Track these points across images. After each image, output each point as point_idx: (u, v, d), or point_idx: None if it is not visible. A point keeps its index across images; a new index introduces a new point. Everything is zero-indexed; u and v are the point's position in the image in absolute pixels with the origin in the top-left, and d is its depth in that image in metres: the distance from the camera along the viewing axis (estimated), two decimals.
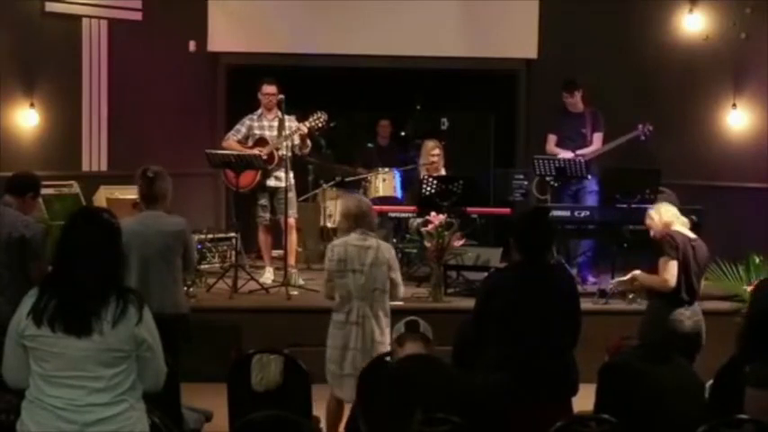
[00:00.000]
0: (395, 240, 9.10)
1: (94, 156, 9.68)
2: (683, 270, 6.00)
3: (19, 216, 6.01)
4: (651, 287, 6.25)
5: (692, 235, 6.12)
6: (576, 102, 9.07)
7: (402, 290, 6.12)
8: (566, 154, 8.84)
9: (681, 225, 6.18)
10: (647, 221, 6.30)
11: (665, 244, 6.03)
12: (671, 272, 6.00)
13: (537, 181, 8.96)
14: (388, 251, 5.92)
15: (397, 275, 5.98)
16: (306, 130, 8.37)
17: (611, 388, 4.48)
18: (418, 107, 10.90)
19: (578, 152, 8.86)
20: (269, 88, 8.52)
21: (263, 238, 8.78)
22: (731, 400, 4.70)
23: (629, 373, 4.48)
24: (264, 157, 8.33)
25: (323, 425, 5.65)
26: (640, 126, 8.88)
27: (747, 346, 4.87)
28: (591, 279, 8.79)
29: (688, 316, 6.01)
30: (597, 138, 9.02)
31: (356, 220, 5.87)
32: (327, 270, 5.84)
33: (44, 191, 7.93)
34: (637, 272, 6.40)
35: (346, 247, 5.80)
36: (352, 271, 5.77)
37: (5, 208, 6.03)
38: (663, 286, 6.06)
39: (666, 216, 6.19)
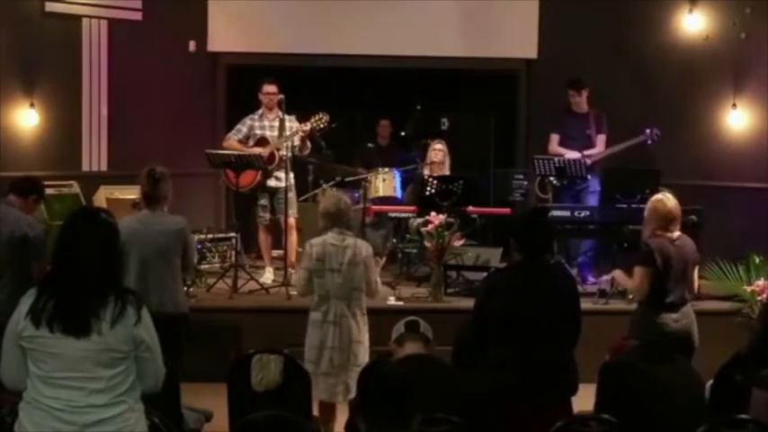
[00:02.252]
0: (395, 240, 9.10)
1: (94, 156, 9.68)
2: (665, 275, 5.82)
3: (22, 215, 6.11)
4: (629, 293, 6.20)
5: (675, 234, 5.91)
6: (581, 101, 9.06)
7: (379, 288, 6.09)
8: (572, 154, 8.82)
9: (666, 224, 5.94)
10: None
11: (639, 253, 5.98)
12: (640, 280, 5.89)
13: (539, 180, 8.95)
14: (365, 250, 5.92)
15: (373, 275, 5.95)
16: (307, 131, 8.38)
17: (611, 387, 4.48)
18: (418, 107, 10.89)
19: (585, 153, 8.84)
20: (269, 88, 8.53)
21: (263, 238, 8.78)
22: (731, 399, 4.70)
23: (630, 372, 4.48)
24: (265, 158, 8.33)
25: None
26: (648, 130, 8.87)
27: (761, 350, 4.81)
28: (591, 279, 8.77)
29: (674, 319, 5.81)
30: (600, 139, 9.01)
31: (333, 219, 5.89)
32: (306, 269, 5.86)
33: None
34: (615, 272, 6.35)
35: (324, 246, 5.83)
36: (330, 270, 5.79)
37: (8, 207, 6.13)
38: (637, 294, 6.04)
39: (649, 218, 6.03)
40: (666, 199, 5.98)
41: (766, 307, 5.21)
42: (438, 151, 9.26)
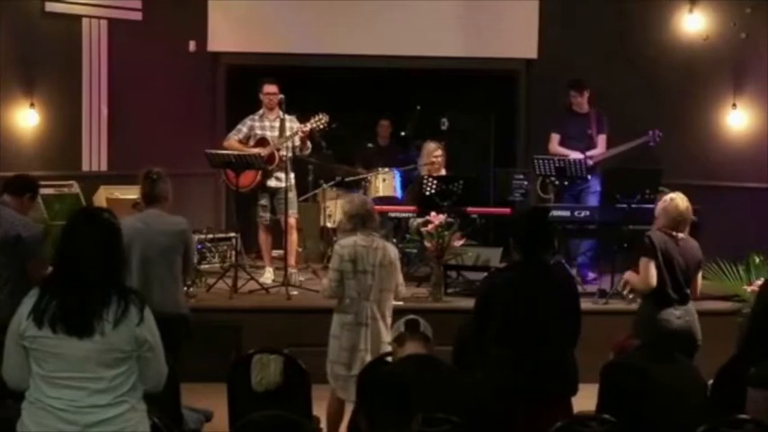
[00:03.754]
0: (395, 240, 9.09)
1: (94, 156, 9.68)
2: (666, 269, 5.84)
3: (16, 216, 6.05)
4: (637, 288, 6.19)
5: (680, 234, 5.91)
6: (582, 101, 9.07)
7: (404, 289, 6.15)
8: (575, 155, 8.82)
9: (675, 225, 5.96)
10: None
11: (641, 246, 6.00)
12: (649, 272, 5.88)
13: (540, 180, 8.94)
14: (393, 251, 5.94)
15: (400, 276, 6.01)
16: (307, 132, 8.38)
17: (613, 386, 4.48)
18: (418, 107, 10.89)
19: (587, 153, 8.84)
20: (270, 88, 8.53)
21: (263, 238, 8.78)
22: (731, 399, 4.70)
23: (632, 371, 4.48)
24: (264, 158, 8.33)
25: (323, 425, 5.64)
26: (650, 132, 8.86)
27: (751, 346, 4.85)
28: (591, 279, 8.78)
29: (677, 315, 5.82)
30: (602, 140, 9.01)
31: (363, 220, 5.85)
32: (339, 270, 5.78)
33: (44, 191, 7.98)
34: (626, 275, 6.30)
35: (355, 247, 5.78)
36: (363, 272, 5.76)
37: (3, 207, 6.07)
38: (643, 286, 5.97)
39: (658, 216, 6.09)
40: (679, 200, 5.96)
41: (754, 307, 5.21)
42: (437, 156, 9.24)
